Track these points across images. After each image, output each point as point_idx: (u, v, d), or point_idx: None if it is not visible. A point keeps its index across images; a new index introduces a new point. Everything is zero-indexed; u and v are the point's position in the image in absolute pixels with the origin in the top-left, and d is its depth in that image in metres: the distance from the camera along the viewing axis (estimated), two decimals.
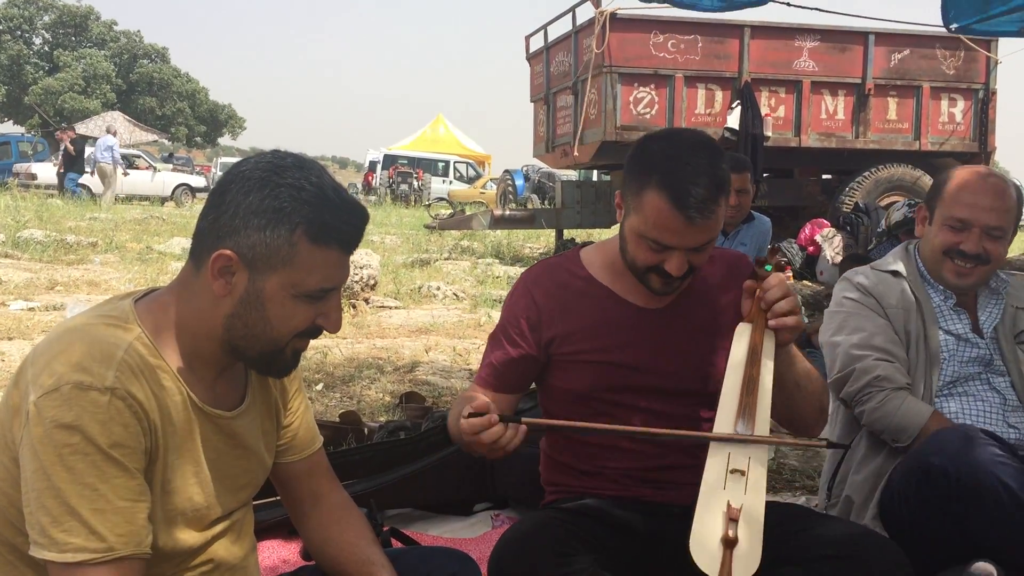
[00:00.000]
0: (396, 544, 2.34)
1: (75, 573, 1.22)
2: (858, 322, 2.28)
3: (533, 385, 2.06)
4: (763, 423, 1.68)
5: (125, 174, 21.06)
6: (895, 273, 2.34)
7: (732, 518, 1.55)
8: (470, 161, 32.11)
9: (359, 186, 32.29)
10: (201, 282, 1.37)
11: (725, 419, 1.69)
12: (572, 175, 20.23)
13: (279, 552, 2.56)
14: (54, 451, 1.21)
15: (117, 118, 31.34)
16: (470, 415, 1.63)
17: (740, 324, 1.79)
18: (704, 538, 1.54)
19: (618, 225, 1.92)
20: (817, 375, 1.91)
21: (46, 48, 45.33)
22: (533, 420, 1.71)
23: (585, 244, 2.10)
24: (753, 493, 1.60)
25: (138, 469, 1.28)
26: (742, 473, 1.62)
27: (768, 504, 1.81)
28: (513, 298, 2.01)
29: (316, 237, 1.34)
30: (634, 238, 1.82)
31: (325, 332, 1.44)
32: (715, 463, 1.64)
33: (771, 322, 1.75)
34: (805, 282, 9.38)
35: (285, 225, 1.33)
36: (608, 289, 1.95)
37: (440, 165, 30.32)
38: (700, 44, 10.25)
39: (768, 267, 1.81)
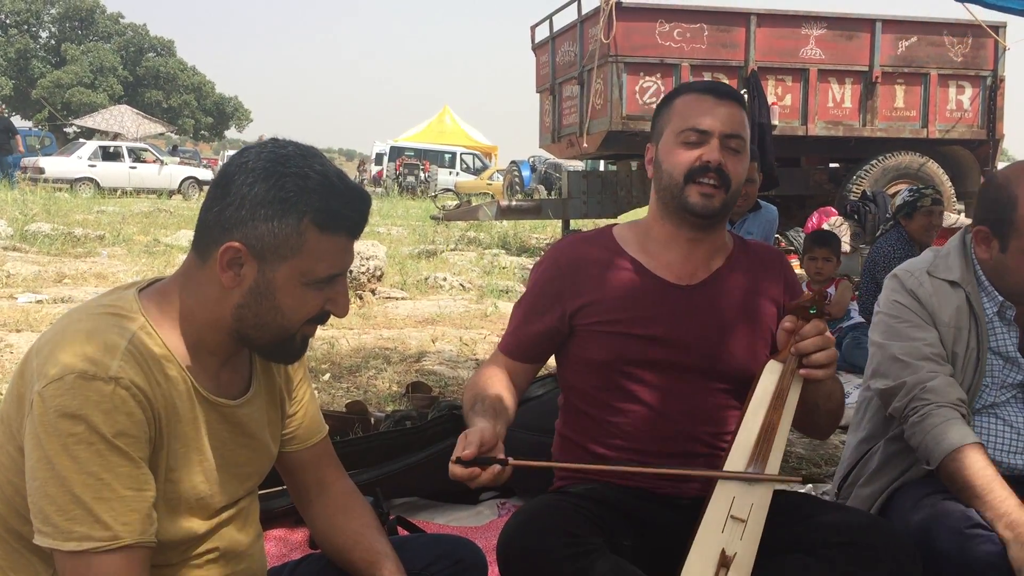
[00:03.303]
0: (402, 532, 2.35)
1: (80, 561, 1.23)
2: (907, 330, 2.08)
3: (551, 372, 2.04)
4: (773, 470, 1.68)
5: None
6: (953, 284, 2.09)
7: (723, 564, 1.59)
8: (476, 152, 32.10)
9: (364, 175, 32.25)
10: (207, 273, 1.37)
11: (738, 458, 1.69)
12: (578, 165, 20.19)
13: (285, 540, 2.57)
14: (58, 440, 1.22)
15: (125, 111, 31.42)
16: (457, 460, 1.62)
17: (771, 360, 1.78)
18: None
19: (632, 211, 1.94)
20: (838, 393, 1.89)
21: (52, 42, 45.42)
22: (521, 462, 1.66)
23: (614, 224, 2.09)
24: (748, 541, 1.62)
25: (142, 458, 1.28)
26: (742, 521, 1.63)
27: (776, 492, 1.81)
28: (540, 268, 2.01)
29: (324, 225, 1.35)
30: (670, 149, 1.89)
31: (333, 319, 1.44)
32: (718, 504, 1.65)
33: (802, 371, 1.74)
34: None
35: (293, 215, 1.33)
36: (637, 262, 1.94)
37: (447, 156, 30.32)
38: (706, 33, 10.20)
39: (813, 310, 1.75)
